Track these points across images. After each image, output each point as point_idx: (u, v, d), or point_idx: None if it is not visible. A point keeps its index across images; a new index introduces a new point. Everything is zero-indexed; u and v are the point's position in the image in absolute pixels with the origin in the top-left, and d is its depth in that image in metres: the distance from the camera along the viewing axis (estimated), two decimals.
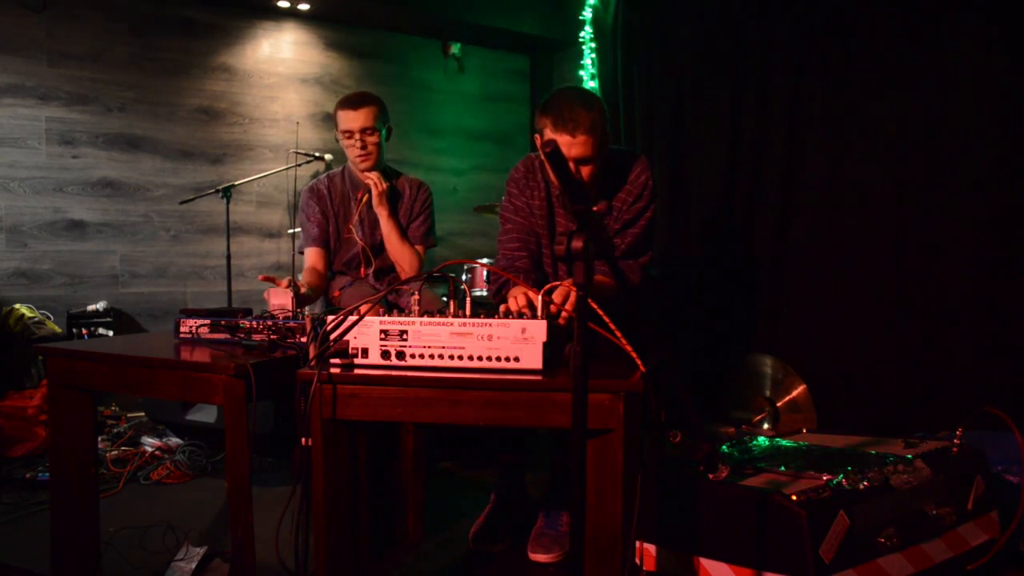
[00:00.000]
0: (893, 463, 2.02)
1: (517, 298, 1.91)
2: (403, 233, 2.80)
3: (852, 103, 3.24)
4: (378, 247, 2.83)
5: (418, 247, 2.83)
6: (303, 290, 2.26)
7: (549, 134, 2.12)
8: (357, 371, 1.59)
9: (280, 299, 2.16)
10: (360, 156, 2.73)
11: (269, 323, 1.94)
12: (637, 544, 1.66)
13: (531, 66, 5.76)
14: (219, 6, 4.56)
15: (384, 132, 2.77)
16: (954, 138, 2.98)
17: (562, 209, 2.40)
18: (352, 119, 2.71)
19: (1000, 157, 2.87)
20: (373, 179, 2.73)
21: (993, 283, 2.90)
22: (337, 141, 2.80)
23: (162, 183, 4.43)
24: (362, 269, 2.84)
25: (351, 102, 2.73)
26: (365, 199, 2.79)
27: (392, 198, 2.80)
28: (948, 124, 2.99)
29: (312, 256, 2.82)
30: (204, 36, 4.53)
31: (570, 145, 2.09)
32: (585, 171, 2.16)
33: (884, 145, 3.15)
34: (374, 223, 2.80)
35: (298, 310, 2.12)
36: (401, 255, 2.77)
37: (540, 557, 2.26)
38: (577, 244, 1.29)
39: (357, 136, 2.71)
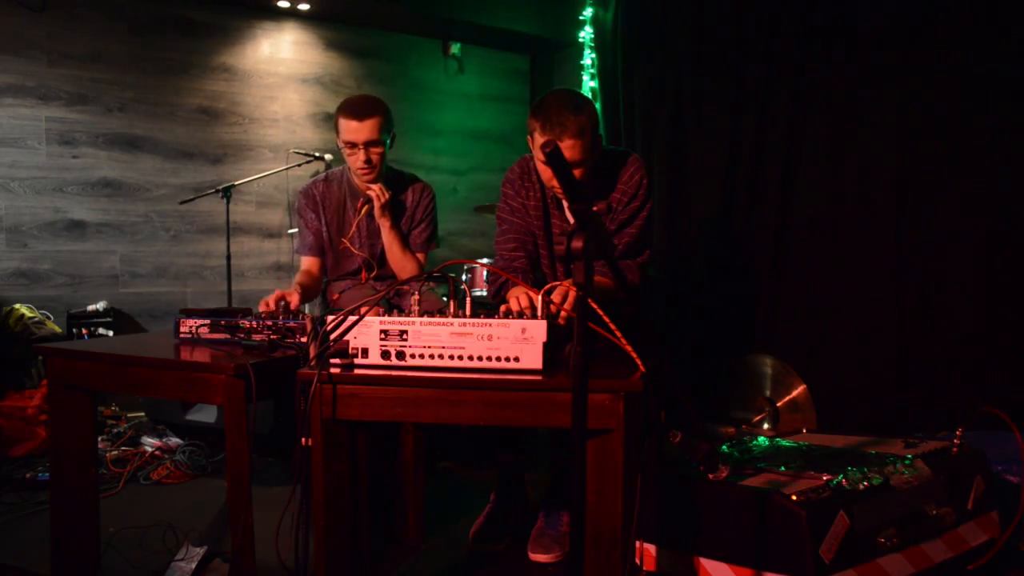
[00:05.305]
0: (893, 463, 2.02)
1: (519, 298, 1.91)
2: (405, 243, 2.71)
3: (852, 103, 3.25)
4: (380, 257, 2.74)
5: (419, 255, 2.74)
6: (293, 304, 2.20)
7: (539, 137, 2.14)
8: (357, 371, 1.59)
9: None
10: (364, 170, 2.58)
11: (269, 323, 1.93)
12: (637, 544, 1.66)
13: (531, 66, 5.75)
14: (219, 6, 4.55)
15: (389, 141, 2.62)
16: (955, 139, 2.98)
17: (556, 210, 2.40)
18: (356, 131, 2.53)
19: (1001, 157, 2.87)
20: (376, 191, 2.59)
21: (993, 283, 2.90)
22: (338, 148, 2.64)
23: (162, 183, 4.43)
24: (363, 276, 2.77)
25: (355, 111, 2.53)
26: (366, 209, 2.66)
27: (394, 208, 2.67)
28: (949, 125, 2.99)
29: (307, 263, 2.76)
30: (204, 36, 4.53)
31: None
32: (575, 174, 2.16)
33: (885, 145, 3.14)
34: (374, 232, 2.72)
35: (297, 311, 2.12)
36: (403, 266, 2.69)
37: (540, 557, 2.26)
38: (577, 244, 1.29)
39: (361, 149, 2.55)
